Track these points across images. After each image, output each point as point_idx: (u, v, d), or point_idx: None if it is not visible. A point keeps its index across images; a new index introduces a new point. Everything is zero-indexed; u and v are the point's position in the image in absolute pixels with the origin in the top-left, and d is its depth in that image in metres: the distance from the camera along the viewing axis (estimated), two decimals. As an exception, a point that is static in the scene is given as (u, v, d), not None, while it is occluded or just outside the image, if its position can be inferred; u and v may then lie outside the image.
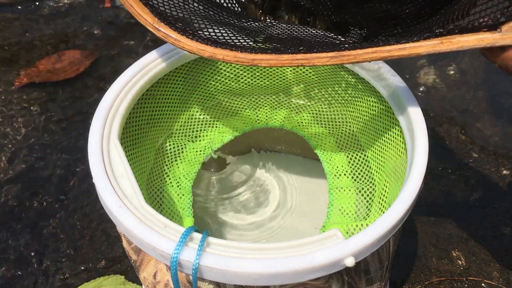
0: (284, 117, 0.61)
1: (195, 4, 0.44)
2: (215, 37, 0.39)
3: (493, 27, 0.33)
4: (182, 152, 0.57)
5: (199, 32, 0.39)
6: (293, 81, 0.59)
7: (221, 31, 0.40)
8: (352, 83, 0.53)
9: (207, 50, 0.38)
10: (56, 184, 0.75)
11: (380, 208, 0.47)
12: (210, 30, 0.40)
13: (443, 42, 0.34)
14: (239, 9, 0.48)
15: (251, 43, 0.39)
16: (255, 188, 0.68)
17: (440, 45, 0.34)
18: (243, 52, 0.37)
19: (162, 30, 0.39)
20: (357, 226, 0.43)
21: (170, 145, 0.56)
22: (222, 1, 0.47)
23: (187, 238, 0.33)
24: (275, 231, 0.63)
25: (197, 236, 0.34)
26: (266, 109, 0.62)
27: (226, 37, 0.40)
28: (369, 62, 0.42)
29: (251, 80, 0.59)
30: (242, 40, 0.40)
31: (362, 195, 0.51)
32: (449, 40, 0.34)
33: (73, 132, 0.84)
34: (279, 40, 0.41)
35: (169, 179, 0.54)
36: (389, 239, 0.39)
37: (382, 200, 0.47)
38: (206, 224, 0.63)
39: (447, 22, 0.35)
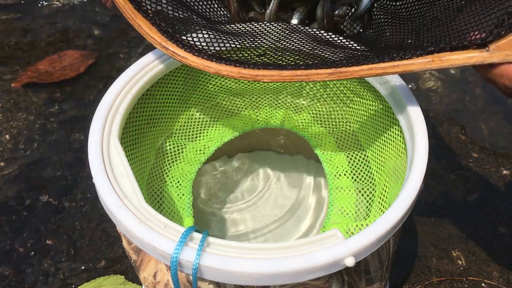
0: (284, 117, 0.61)
1: (199, 19, 0.46)
2: (220, 52, 0.41)
3: (482, 45, 0.34)
4: (182, 152, 0.57)
5: (204, 46, 0.41)
6: (293, 81, 0.59)
7: (224, 42, 0.42)
8: (352, 82, 0.53)
9: (212, 67, 0.40)
10: (56, 184, 0.75)
11: (380, 208, 0.47)
12: (215, 43, 0.42)
13: (434, 60, 0.36)
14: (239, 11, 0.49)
15: (254, 56, 0.41)
16: (256, 188, 0.68)
17: (431, 63, 0.36)
18: (246, 68, 0.39)
19: (170, 48, 0.41)
20: (357, 226, 0.43)
21: (170, 145, 0.56)
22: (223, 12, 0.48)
23: (187, 238, 0.33)
24: (274, 229, 0.63)
25: (197, 236, 0.34)
26: (266, 109, 0.62)
27: (230, 50, 0.41)
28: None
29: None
30: (245, 54, 0.41)
31: (362, 195, 0.51)
32: (440, 59, 0.36)
33: (73, 132, 0.84)
34: (280, 48, 0.42)
35: (169, 179, 0.54)
36: (389, 239, 0.39)
37: (382, 200, 0.47)
38: (206, 224, 0.63)
39: (438, 40, 0.37)
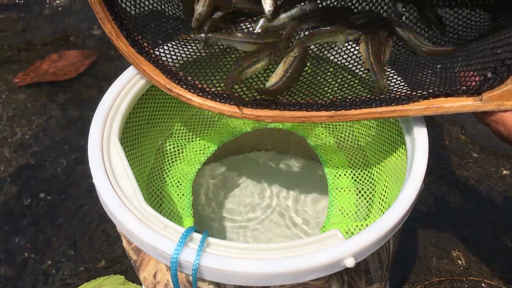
0: (284, 117, 0.61)
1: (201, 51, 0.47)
2: (221, 92, 0.41)
3: (476, 93, 0.36)
4: (182, 152, 0.57)
5: (209, 84, 0.42)
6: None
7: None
8: (352, 83, 0.53)
9: (217, 107, 0.40)
10: (56, 184, 0.75)
11: (380, 209, 0.47)
12: (216, 84, 0.42)
13: (429, 107, 0.37)
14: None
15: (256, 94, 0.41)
16: (255, 188, 0.68)
17: (426, 109, 0.37)
18: (249, 108, 0.39)
19: (174, 90, 0.41)
20: (357, 226, 0.43)
21: (170, 145, 0.56)
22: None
23: (187, 238, 0.33)
24: (274, 229, 0.63)
25: (197, 236, 0.34)
26: (266, 109, 0.62)
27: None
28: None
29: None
30: (247, 92, 0.42)
31: (362, 195, 0.51)
32: (434, 107, 0.37)
33: (73, 132, 0.84)
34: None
35: (169, 179, 0.54)
36: (389, 239, 0.39)
37: (382, 200, 0.47)
38: (206, 224, 0.63)
39: (434, 88, 0.38)
